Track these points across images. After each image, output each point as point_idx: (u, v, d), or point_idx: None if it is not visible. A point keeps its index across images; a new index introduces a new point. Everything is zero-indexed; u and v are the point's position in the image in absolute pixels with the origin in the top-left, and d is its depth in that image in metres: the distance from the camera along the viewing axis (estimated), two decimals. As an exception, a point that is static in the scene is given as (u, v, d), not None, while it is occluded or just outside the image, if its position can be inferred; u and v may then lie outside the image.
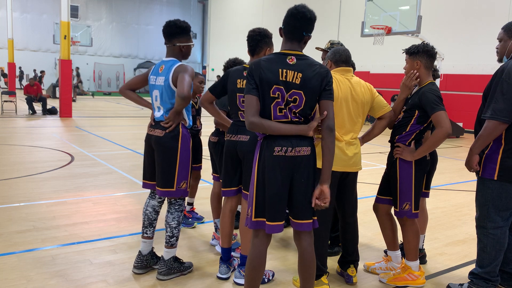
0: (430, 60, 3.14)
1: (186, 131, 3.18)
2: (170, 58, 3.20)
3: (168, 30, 3.16)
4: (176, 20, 3.19)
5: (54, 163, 7.13)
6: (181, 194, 3.19)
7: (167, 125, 3.10)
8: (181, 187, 3.17)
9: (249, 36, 3.15)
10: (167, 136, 3.10)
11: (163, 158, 3.12)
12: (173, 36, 3.16)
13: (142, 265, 3.29)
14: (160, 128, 3.13)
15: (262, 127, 2.39)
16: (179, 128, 3.13)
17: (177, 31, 3.16)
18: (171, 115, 3.09)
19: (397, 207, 3.20)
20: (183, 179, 3.17)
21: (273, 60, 2.42)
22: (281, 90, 2.38)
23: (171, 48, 3.21)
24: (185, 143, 3.15)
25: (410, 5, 11.39)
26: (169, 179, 3.13)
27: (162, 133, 3.11)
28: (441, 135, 2.93)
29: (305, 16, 2.39)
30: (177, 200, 3.24)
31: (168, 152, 3.10)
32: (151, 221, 3.32)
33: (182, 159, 3.14)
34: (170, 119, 3.10)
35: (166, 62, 3.19)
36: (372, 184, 6.55)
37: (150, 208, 3.33)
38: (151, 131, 3.20)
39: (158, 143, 3.12)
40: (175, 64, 3.13)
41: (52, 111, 15.00)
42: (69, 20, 13.96)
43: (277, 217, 2.44)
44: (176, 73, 3.07)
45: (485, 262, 3.00)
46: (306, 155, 2.42)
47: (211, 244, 3.94)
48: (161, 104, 3.17)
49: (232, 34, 27.99)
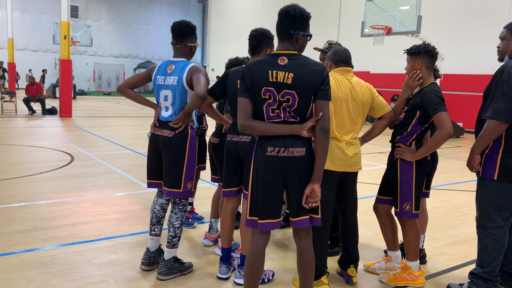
0: (431, 60, 3.13)
1: (194, 133, 3.19)
2: (180, 59, 3.20)
3: (181, 30, 3.15)
4: (186, 21, 3.19)
5: (54, 163, 7.13)
6: (186, 195, 3.21)
7: (177, 125, 3.10)
8: (187, 187, 3.19)
9: (251, 35, 3.15)
10: (176, 137, 3.10)
11: (171, 159, 3.12)
12: (185, 36, 3.17)
13: (149, 261, 3.32)
14: (169, 128, 3.13)
15: (253, 128, 2.41)
16: (188, 130, 3.14)
17: (189, 31, 3.17)
18: (182, 116, 3.10)
19: (397, 207, 3.20)
20: (189, 180, 3.18)
21: (264, 61, 2.43)
22: (272, 91, 2.39)
23: (182, 48, 3.20)
24: (192, 144, 3.16)
25: (410, 5, 11.39)
26: (176, 180, 3.13)
27: (171, 133, 3.11)
28: (443, 136, 2.92)
29: (289, 14, 2.40)
30: (181, 200, 3.25)
31: (177, 153, 3.11)
32: (159, 219, 3.35)
33: (189, 160, 3.15)
34: (180, 120, 3.10)
35: (176, 62, 3.18)
36: (372, 184, 6.55)
37: (158, 206, 3.35)
38: (158, 131, 3.18)
39: (167, 143, 3.11)
40: (188, 65, 3.14)
41: (52, 111, 15.00)
42: (69, 20, 13.96)
43: (269, 215, 2.44)
44: (191, 73, 3.08)
45: (485, 262, 3.00)
46: (300, 155, 2.41)
47: (202, 243, 3.94)
48: (171, 104, 3.16)
49: (232, 34, 27.98)
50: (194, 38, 3.22)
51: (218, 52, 29.85)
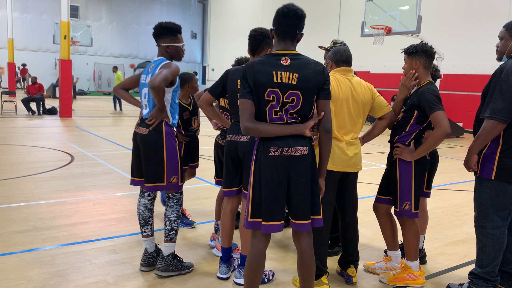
0: (428, 60, 3.14)
1: (169, 129, 3.22)
2: (159, 58, 3.28)
3: (154, 31, 3.25)
4: (164, 22, 3.27)
5: (54, 163, 7.13)
6: (172, 188, 3.24)
7: (150, 122, 3.16)
8: (171, 181, 3.22)
9: (251, 35, 3.14)
10: (151, 133, 3.16)
11: (148, 155, 3.17)
12: (157, 36, 3.25)
13: (148, 262, 3.34)
14: (145, 126, 3.20)
15: (257, 131, 2.39)
16: (162, 126, 3.18)
17: (161, 32, 3.23)
18: (154, 112, 3.16)
19: (397, 207, 3.20)
20: (173, 174, 3.22)
21: (267, 62, 2.40)
22: (276, 93, 2.37)
23: (159, 48, 3.29)
24: (169, 139, 3.19)
25: (410, 5, 11.39)
26: (157, 174, 3.18)
27: (146, 130, 3.17)
28: (440, 135, 2.93)
29: (297, 14, 2.39)
30: (174, 194, 3.29)
31: (154, 149, 3.15)
32: (146, 219, 3.36)
33: (169, 155, 3.18)
34: (153, 116, 3.16)
35: (155, 61, 3.26)
36: (372, 184, 6.55)
37: (142, 207, 3.38)
38: (137, 129, 3.26)
39: (143, 140, 3.17)
40: (162, 62, 3.20)
41: (52, 111, 14.99)
42: (69, 20, 13.96)
43: (274, 217, 2.43)
44: (161, 69, 3.13)
45: (484, 262, 3.00)
46: (303, 155, 2.41)
47: (208, 244, 3.94)
48: (148, 101, 3.24)
49: (232, 34, 27.98)
50: (168, 38, 3.24)
51: (218, 52, 29.84)
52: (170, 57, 3.29)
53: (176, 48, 3.28)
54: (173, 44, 3.26)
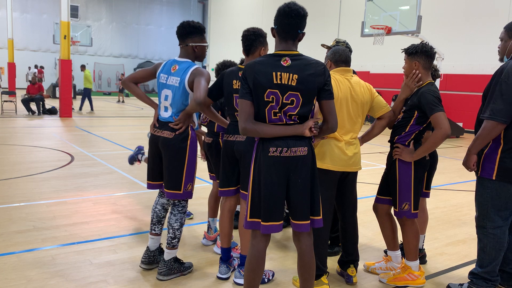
0: (428, 60, 3.14)
1: (194, 134, 3.18)
2: (184, 59, 3.18)
3: (181, 30, 3.15)
4: (191, 21, 3.18)
5: (54, 163, 7.13)
6: (186, 197, 3.20)
7: (177, 126, 3.08)
8: (187, 189, 3.18)
9: (244, 36, 3.13)
10: (177, 138, 3.08)
11: (172, 160, 3.10)
12: (186, 35, 3.15)
13: (149, 260, 3.33)
14: (169, 129, 3.11)
15: (256, 132, 2.38)
16: (188, 130, 3.13)
17: (190, 31, 3.14)
18: (182, 117, 3.08)
19: (396, 207, 3.20)
20: (189, 181, 3.17)
21: (267, 62, 2.39)
22: (276, 94, 2.36)
23: (184, 48, 3.19)
24: (193, 145, 3.14)
25: (410, 5, 11.39)
26: (177, 181, 3.12)
27: (171, 134, 3.09)
28: (440, 136, 2.93)
29: (299, 13, 2.37)
30: (180, 201, 3.24)
31: (177, 154, 3.09)
32: (159, 218, 3.35)
33: (190, 162, 3.13)
34: (180, 121, 3.08)
35: (180, 62, 3.17)
36: (372, 184, 6.55)
37: (160, 206, 3.36)
38: (158, 132, 3.16)
39: (167, 145, 3.09)
40: (192, 67, 3.11)
41: (52, 111, 14.99)
42: (69, 20, 13.97)
43: (273, 217, 2.42)
44: (193, 76, 3.05)
45: (485, 262, 3.00)
46: (303, 155, 2.40)
47: (201, 243, 3.94)
48: (171, 104, 3.14)
49: (232, 34, 27.96)
50: (197, 38, 3.16)
51: (218, 52, 29.84)
52: (195, 57, 3.22)
53: (203, 48, 3.22)
54: (201, 44, 3.19)
